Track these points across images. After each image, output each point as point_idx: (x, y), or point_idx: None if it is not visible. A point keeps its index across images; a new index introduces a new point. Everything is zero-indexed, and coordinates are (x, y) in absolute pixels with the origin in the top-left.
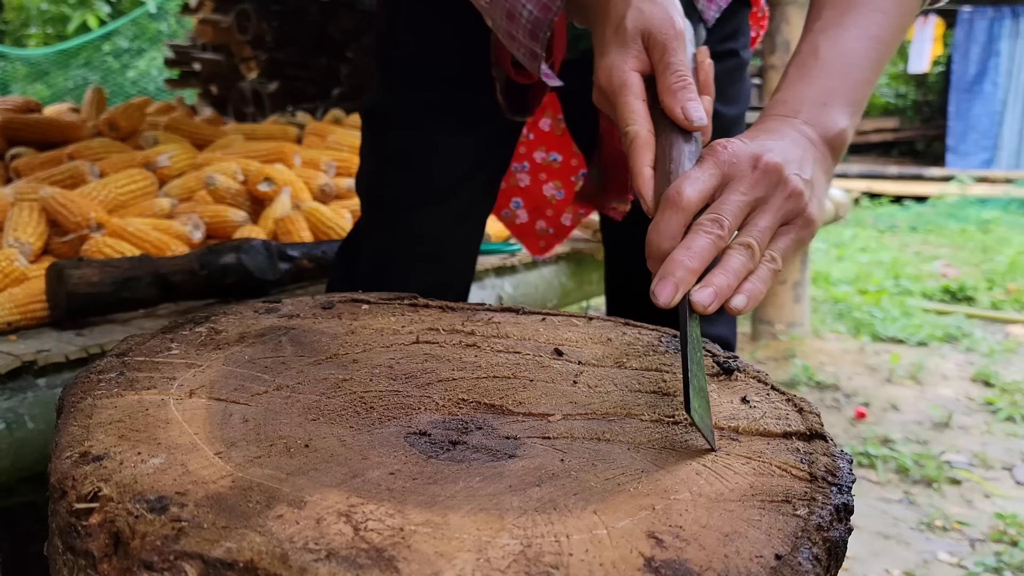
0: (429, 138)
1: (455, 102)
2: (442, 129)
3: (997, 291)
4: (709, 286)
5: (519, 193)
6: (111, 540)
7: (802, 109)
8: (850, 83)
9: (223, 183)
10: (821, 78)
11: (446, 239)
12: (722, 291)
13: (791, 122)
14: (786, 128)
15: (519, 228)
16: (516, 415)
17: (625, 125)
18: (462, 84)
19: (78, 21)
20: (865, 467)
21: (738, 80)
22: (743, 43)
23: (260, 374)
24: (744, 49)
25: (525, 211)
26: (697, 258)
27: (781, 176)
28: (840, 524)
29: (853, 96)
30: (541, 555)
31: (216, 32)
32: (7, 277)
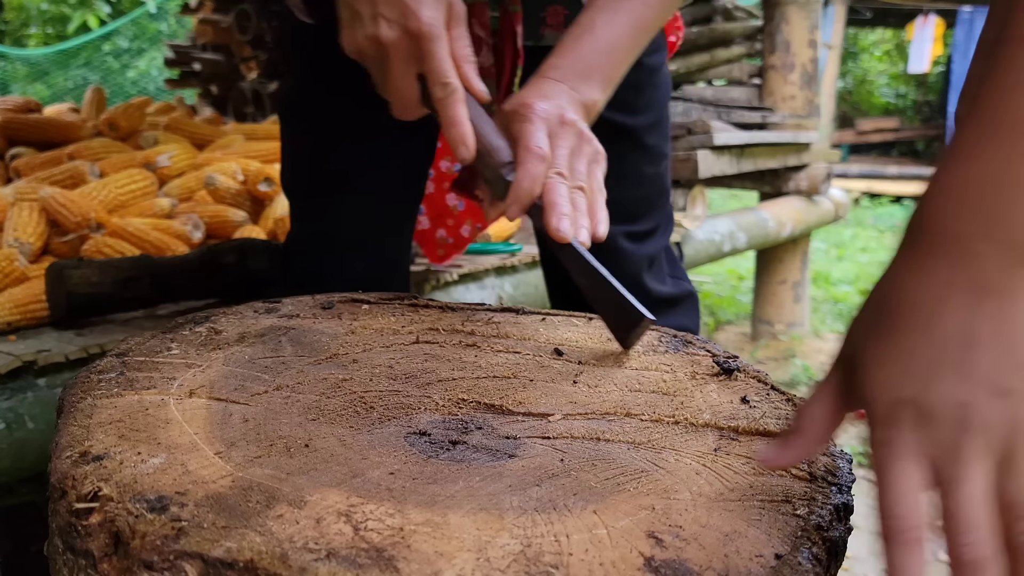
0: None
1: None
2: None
3: None
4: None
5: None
6: (111, 540)
7: (570, 78)
8: (612, 63)
9: (223, 183)
10: (591, 54)
11: (369, 227)
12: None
13: (563, 87)
14: (562, 91)
15: (420, 235)
16: (516, 415)
17: (445, 77)
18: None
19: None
20: (865, 467)
21: (645, 87)
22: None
23: (260, 374)
24: (649, 56)
25: (427, 218)
26: (568, 201)
27: (579, 129)
28: (840, 524)
29: (610, 74)
30: (541, 555)
31: (216, 32)
32: (7, 277)
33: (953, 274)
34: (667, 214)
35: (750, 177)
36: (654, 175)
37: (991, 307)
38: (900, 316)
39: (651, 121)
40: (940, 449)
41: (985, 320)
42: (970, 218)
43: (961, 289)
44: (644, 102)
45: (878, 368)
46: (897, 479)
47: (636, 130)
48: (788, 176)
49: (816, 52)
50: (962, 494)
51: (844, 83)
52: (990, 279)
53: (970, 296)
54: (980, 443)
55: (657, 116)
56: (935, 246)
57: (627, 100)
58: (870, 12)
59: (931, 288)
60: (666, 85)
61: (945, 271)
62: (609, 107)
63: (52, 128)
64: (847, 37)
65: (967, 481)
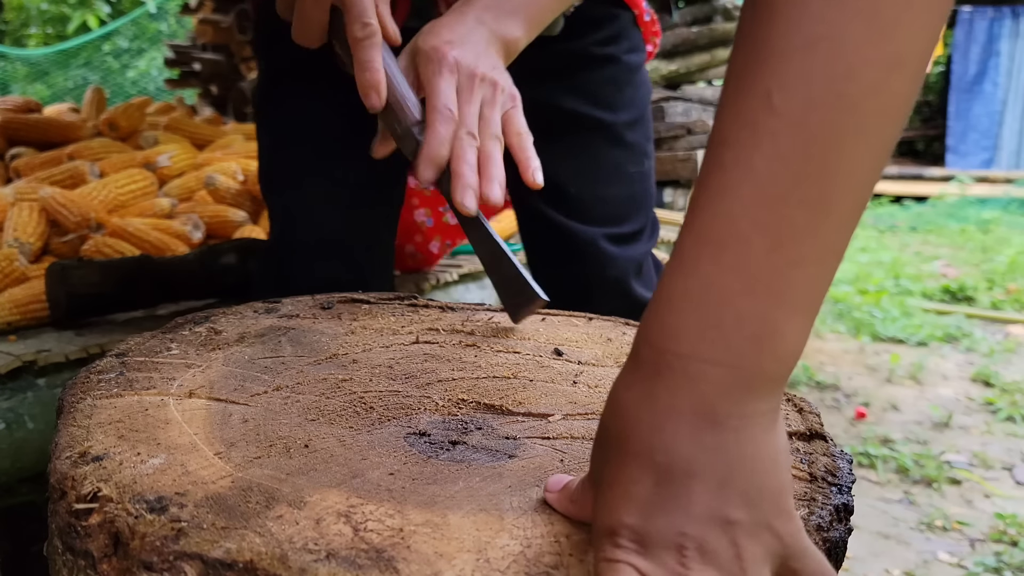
0: (305, 114)
1: (322, 70)
2: (316, 103)
3: (997, 291)
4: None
5: (400, 208)
6: (111, 540)
7: (491, 11)
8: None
9: (223, 183)
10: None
11: (342, 230)
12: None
13: (482, 28)
14: (479, 33)
15: None
16: (516, 415)
17: (366, 16)
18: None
19: (78, 21)
20: (865, 467)
21: (625, 85)
22: (626, 48)
23: (260, 374)
24: (628, 54)
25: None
26: (474, 168)
27: (492, 80)
28: (840, 524)
29: (534, 13)
30: (541, 555)
31: (216, 32)
32: (7, 277)
33: (674, 399)
34: (653, 219)
35: None
36: (638, 175)
37: (710, 438)
38: (621, 442)
39: (632, 118)
40: (662, 574)
41: (704, 451)
42: (688, 337)
43: (681, 415)
44: (624, 99)
45: (605, 489)
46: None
47: (616, 126)
48: None
49: None
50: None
51: None
52: (709, 405)
53: (689, 424)
54: (700, 570)
55: (638, 114)
56: (657, 366)
57: (606, 96)
58: None
59: (651, 414)
60: (646, 85)
61: (666, 395)
62: (588, 103)
63: (52, 128)
64: None
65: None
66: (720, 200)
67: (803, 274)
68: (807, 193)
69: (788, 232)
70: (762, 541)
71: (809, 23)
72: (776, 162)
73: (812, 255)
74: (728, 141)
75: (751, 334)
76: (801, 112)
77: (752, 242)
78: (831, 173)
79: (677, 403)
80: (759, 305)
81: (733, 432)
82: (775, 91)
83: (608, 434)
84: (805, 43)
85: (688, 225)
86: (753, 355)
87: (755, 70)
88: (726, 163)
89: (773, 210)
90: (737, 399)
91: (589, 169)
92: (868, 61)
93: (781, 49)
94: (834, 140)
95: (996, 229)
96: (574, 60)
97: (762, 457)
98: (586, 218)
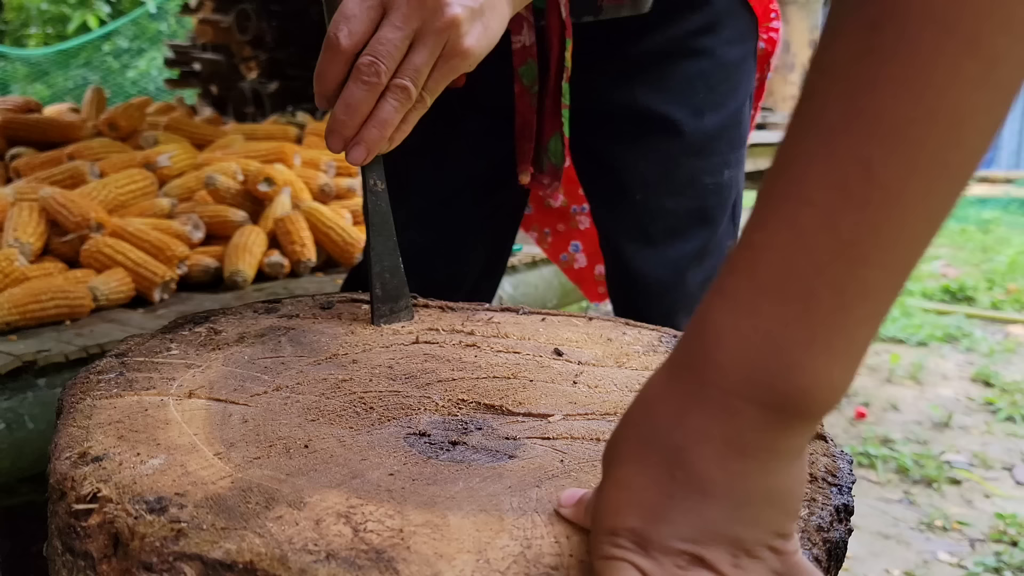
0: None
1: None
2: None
3: (997, 291)
4: (360, 142)
5: (578, 236)
6: (110, 541)
7: None
8: None
9: (223, 183)
10: None
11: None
12: (372, 145)
13: None
14: None
15: (577, 273)
16: (516, 415)
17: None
18: None
19: (78, 21)
20: (865, 467)
21: (719, 84)
22: (725, 39)
23: (259, 374)
24: (727, 46)
25: (584, 255)
26: (355, 113)
27: (439, 3)
28: (840, 525)
29: None
30: (541, 556)
31: (216, 32)
32: (7, 277)
33: (707, 425)
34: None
35: (750, 177)
36: (713, 186)
37: (736, 465)
38: (643, 449)
39: (719, 123)
40: (660, 573)
41: (726, 476)
42: (735, 377)
43: (711, 440)
44: (714, 100)
45: (612, 489)
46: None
47: (698, 134)
48: None
49: None
50: None
51: None
52: (742, 437)
53: (717, 450)
54: (698, 574)
55: (728, 117)
56: (697, 394)
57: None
58: None
59: (681, 433)
60: (746, 83)
61: (699, 420)
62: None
63: (52, 128)
64: None
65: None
66: (793, 256)
67: (864, 331)
68: (889, 257)
69: (860, 293)
70: (762, 558)
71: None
72: (864, 227)
73: (878, 313)
74: (814, 201)
75: (800, 385)
76: (901, 182)
77: (822, 300)
78: (917, 236)
79: (710, 429)
80: (815, 359)
81: (760, 463)
82: (877, 161)
83: (629, 436)
84: (925, 116)
85: (746, 266)
86: (797, 402)
87: (857, 135)
88: (804, 221)
89: (851, 272)
90: (772, 436)
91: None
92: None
93: (893, 121)
94: (926, 206)
95: (996, 229)
96: (660, 53)
97: (780, 490)
98: (643, 233)
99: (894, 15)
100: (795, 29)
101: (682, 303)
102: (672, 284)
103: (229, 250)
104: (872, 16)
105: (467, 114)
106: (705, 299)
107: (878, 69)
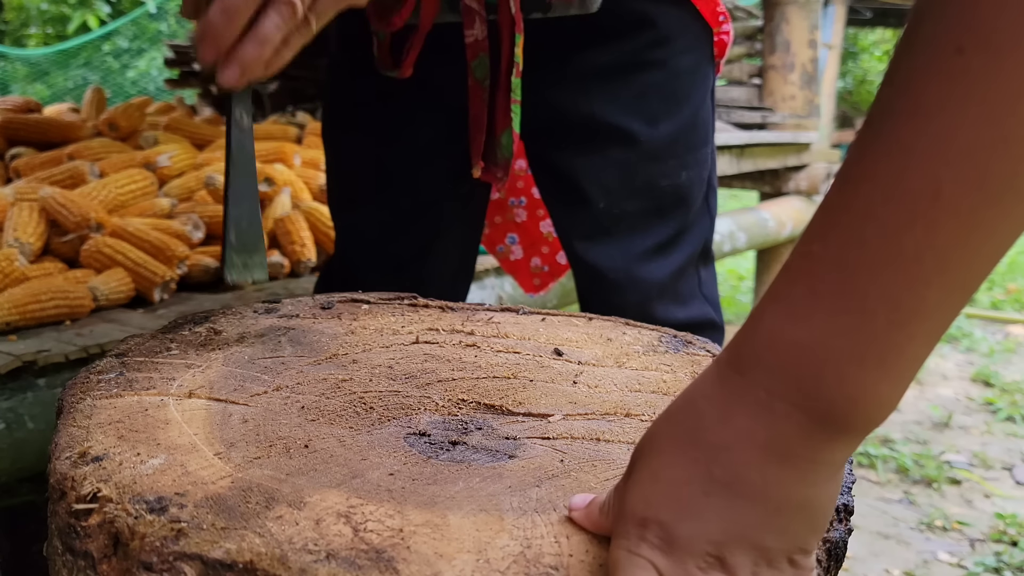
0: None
1: (383, 91)
2: (372, 121)
3: (997, 291)
4: (234, 60)
5: (515, 228)
6: (110, 541)
7: None
8: None
9: (223, 183)
10: None
11: (384, 249)
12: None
13: None
14: None
15: (513, 264)
16: (516, 415)
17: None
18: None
19: (78, 21)
20: (865, 467)
21: (669, 94)
22: (679, 49)
23: (259, 374)
24: (677, 56)
25: (520, 247)
26: (233, 18)
27: None
28: (840, 525)
29: None
30: (541, 556)
31: None
32: (7, 277)
33: (753, 427)
34: (685, 223)
35: (750, 177)
36: (670, 187)
37: (775, 472)
38: (685, 444)
39: (674, 130)
40: (679, 574)
41: (765, 481)
42: (784, 383)
43: (754, 443)
44: (668, 109)
45: (647, 480)
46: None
47: (653, 142)
48: (788, 176)
49: (816, 52)
50: None
51: (844, 83)
52: (785, 443)
53: (760, 454)
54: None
55: (683, 123)
56: (745, 395)
57: (647, 108)
58: (870, 12)
59: (726, 432)
60: (701, 87)
61: (745, 421)
62: (627, 115)
63: (52, 128)
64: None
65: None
66: (852, 269)
67: (917, 350)
68: (950, 279)
69: (917, 312)
70: (780, 570)
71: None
72: (927, 247)
73: (933, 333)
74: (878, 216)
75: (848, 396)
76: (969, 205)
77: (877, 315)
78: (980, 260)
79: (754, 431)
80: (865, 372)
81: (799, 473)
82: (947, 183)
83: (673, 430)
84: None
85: (804, 275)
86: (844, 413)
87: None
88: (867, 236)
89: (910, 290)
90: (814, 446)
91: (619, 185)
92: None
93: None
94: (992, 231)
95: None
96: (615, 66)
97: (814, 503)
98: (603, 231)
99: (981, 42)
100: (795, 29)
101: (655, 293)
102: (632, 275)
103: None
104: (959, 40)
105: (425, 111)
106: (760, 303)
107: (959, 93)
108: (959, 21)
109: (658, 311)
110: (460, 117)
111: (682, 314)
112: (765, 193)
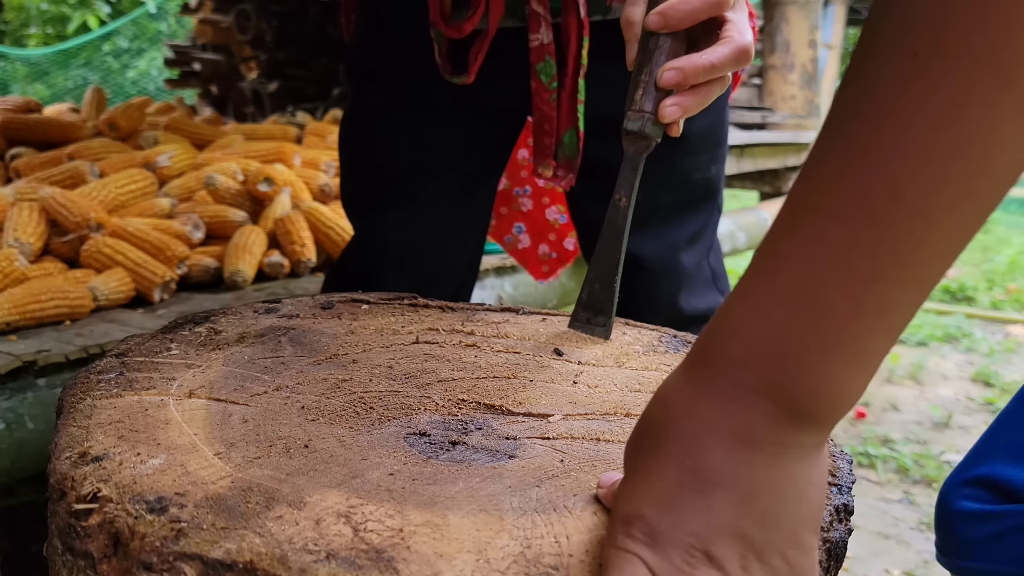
0: (387, 133)
1: (414, 95)
2: (401, 125)
3: (997, 291)
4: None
5: (521, 218)
6: (110, 541)
7: None
8: None
9: (223, 183)
10: None
11: (412, 245)
12: (686, 108)
13: None
14: None
15: (521, 253)
16: (516, 415)
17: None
18: (418, 74)
19: (78, 21)
20: (865, 467)
21: None
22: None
23: (260, 374)
24: None
25: (528, 236)
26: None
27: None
28: (840, 524)
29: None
30: (541, 556)
31: (216, 32)
32: (7, 277)
33: (716, 415)
34: (707, 223)
35: (750, 177)
36: (702, 181)
37: (743, 456)
38: (658, 438)
39: (708, 124)
40: (668, 570)
41: (733, 465)
42: (749, 374)
43: (719, 430)
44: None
45: (632, 477)
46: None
47: (691, 137)
48: (788, 176)
49: (816, 52)
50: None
51: None
52: (749, 429)
53: (725, 439)
54: (705, 573)
55: (715, 119)
56: (710, 387)
57: None
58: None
59: (691, 422)
60: (728, 85)
61: (709, 410)
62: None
63: (52, 128)
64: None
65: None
66: (813, 266)
67: (878, 343)
68: (908, 275)
69: (876, 307)
70: (771, 565)
71: (965, 126)
72: (885, 245)
73: (893, 327)
74: (839, 216)
75: (811, 387)
76: (925, 205)
77: (837, 309)
78: (937, 258)
79: (719, 419)
80: (828, 366)
81: (767, 456)
82: (904, 183)
83: (648, 426)
84: (955, 144)
85: (767, 272)
86: (807, 404)
87: (887, 157)
88: (827, 234)
89: (869, 287)
90: (782, 430)
91: (656, 177)
92: (1009, 161)
93: (923, 147)
94: (948, 229)
95: (996, 229)
96: None
97: (789, 485)
98: (640, 222)
99: (936, 46)
100: (795, 29)
101: (683, 284)
102: (669, 264)
103: (229, 250)
104: (914, 45)
105: (463, 113)
106: (727, 299)
107: (915, 96)
108: (913, 25)
109: (682, 300)
110: (495, 120)
111: (701, 304)
112: (765, 193)
